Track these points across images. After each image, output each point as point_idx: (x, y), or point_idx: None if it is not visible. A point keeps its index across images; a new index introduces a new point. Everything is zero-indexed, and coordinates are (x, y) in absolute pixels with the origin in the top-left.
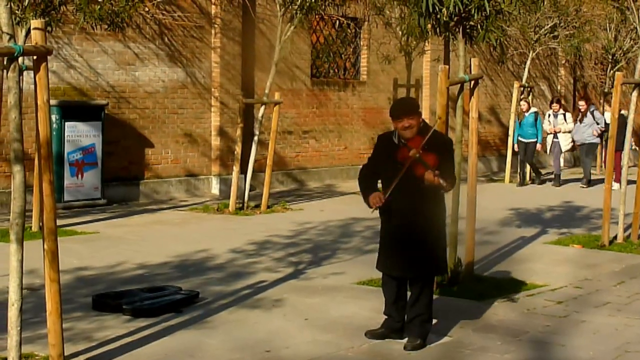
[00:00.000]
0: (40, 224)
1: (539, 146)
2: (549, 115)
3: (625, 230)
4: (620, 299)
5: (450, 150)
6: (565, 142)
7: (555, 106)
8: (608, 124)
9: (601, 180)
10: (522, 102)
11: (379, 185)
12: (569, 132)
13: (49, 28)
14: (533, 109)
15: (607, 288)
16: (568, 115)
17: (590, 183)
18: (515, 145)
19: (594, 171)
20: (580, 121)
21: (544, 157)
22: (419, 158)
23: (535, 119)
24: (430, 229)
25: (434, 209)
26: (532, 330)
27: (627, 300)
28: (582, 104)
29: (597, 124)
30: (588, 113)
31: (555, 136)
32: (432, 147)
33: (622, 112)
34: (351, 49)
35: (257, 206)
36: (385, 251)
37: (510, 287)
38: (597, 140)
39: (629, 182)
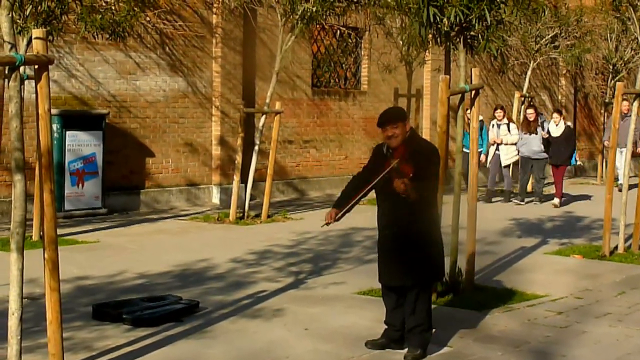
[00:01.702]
0: (41, 233)
1: (482, 157)
2: (492, 125)
3: (626, 240)
4: (621, 309)
5: (432, 161)
6: (506, 156)
7: (499, 114)
8: (548, 138)
9: (550, 197)
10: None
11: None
12: (513, 144)
13: (50, 37)
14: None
15: (608, 298)
16: (513, 125)
17: (542, 200)
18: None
19: (595, 181)
20: (531, 132)
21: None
22: (396, 168)
23: (481, 128)
24: (422, 236)
25: (426, 217)
26: (533, 340)
27: (627, 310)
28: (530, 113)
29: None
30: (538, 123)
31: (497, 148)
32: (415, 156)
33: (569, 123)
34: (352, 59)
35: (258, 216)
36: (379, 262)
37: (510, 297)
38: (546, 155)
39: (631, 186)
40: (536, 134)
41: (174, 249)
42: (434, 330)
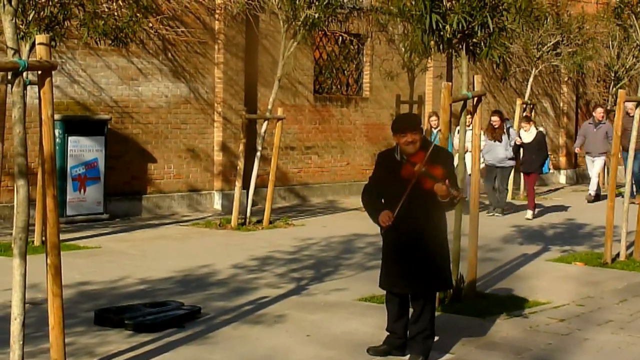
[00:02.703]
0: (43, 238)
1: None
2: (457, 131)
3: (627, 247)
4: (623, 316)
5: (452, 164)
6: (471, 163)
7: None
8: (519, 145)
9: (523, 207)
10: (433, 117)
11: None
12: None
13: (53, 43)
14: None
15: (610, 306)
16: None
17: (504, 211)
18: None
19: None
20: (496, 139)
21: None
22: (424, 172)
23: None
24: (434, 244)
25: (437, 225)
26: (534, 347)
27: (629, 318)
28: (495, 120)
29: (511, 144)
30: (504, 130)
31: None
32: (435, 160)
33: (540, 129)
34: (354, 65)
35: (259, 222)
36: (388, 268)
37: (512, 304)
38: (513, 162)
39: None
40: (500, 141)
41: (175, 254)
42: (436, 337)
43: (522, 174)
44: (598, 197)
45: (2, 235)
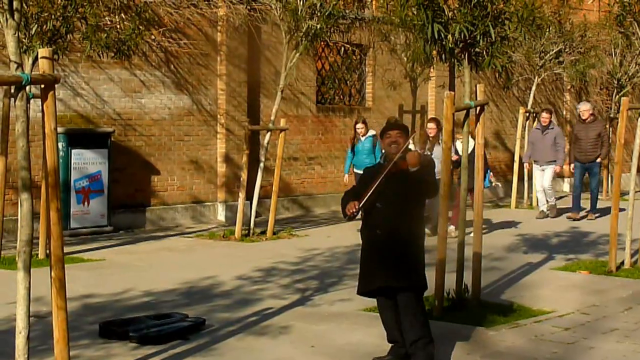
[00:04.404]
0: (47, 251)
1: None
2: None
3: (632, 256)
4: (628, 325)
5: (430, 164)
6: None
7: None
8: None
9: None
10: (359, 125)
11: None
12: None
13: (55, 56)
14: (371, 132)
15: (615, 314)
16: (409, 141)
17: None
18: (346, 177)
19: (600, 196)
20: (430, 150)
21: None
22: (401, 157)
23: (374, 145)
24: (411, 243)
25: (415, 225)
26: (540, 357)
27: (635, 326)
28: (431, 128)
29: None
30: (438, 142)
31: None
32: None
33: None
34: (356, 76)
35: (263, 233)
36: (366, 267)
37: (517, 313)
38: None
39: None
40: (432, 152)
41: (179, 266)
42: (441, 347)
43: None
44: (554, 207)
45: (7, 249)
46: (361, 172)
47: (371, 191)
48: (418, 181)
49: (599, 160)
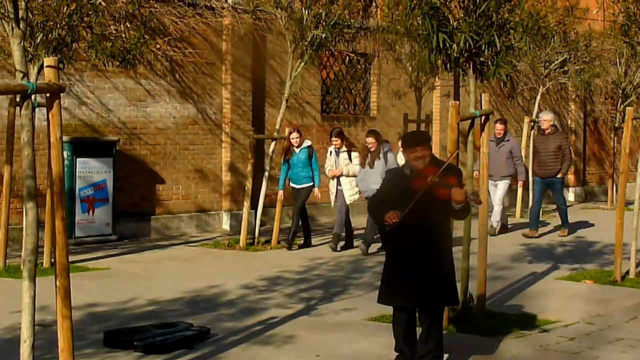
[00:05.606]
0: (52, 260)
1: (315, 191)
2: (330, 153)
3: (637, 265)
4: (633, 335)
5: (460, 176)
6: (351, 192)
7: (336, 140)
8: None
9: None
10: (294, 134)
11: None
12: (355, 176)
13: (61, 65)
14: (306, 143)
15: (620, 324)
16: (355, 154)
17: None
18: (280, 193)
19: (605, 206)
20: (370, 165)
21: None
22: (438, 182)
23: (310, 156)
24: (442, 258)
25: (446, 239)
26: None
27: None
28: (370, 142)
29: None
30: (380, 155)
31: (338, 182)
32: (447, 173)
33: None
34: (361, 85)
35: (268, 242)
36: (393, 281)
37: (522, 323)
38: None
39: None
40: (372, 167)
41: (184, 275)
42: (446, 355)
43: None
44: (505, 228)
45: (12, 257)
46: (298, 186)
47: (410, 205)
48: (458, 210)
49: (559, 176)
